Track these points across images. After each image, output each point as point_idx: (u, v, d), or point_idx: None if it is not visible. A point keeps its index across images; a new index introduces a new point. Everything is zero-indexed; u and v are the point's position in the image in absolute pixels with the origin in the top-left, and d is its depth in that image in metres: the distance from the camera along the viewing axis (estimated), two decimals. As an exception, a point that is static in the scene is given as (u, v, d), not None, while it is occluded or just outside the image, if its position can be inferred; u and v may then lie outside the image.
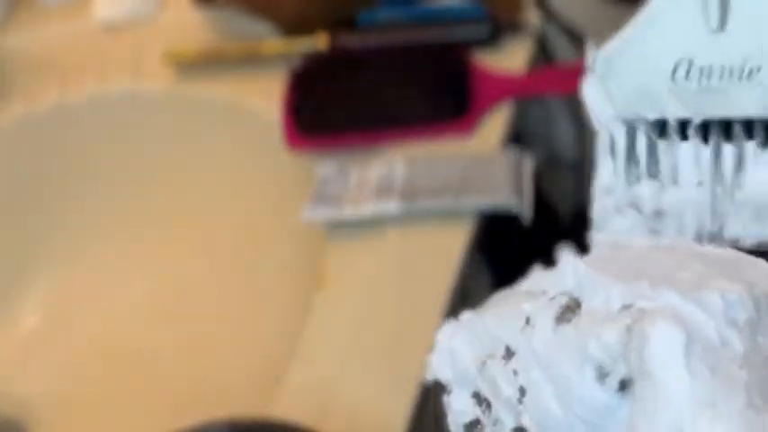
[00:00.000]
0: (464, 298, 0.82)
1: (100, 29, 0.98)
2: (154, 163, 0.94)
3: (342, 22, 0.89)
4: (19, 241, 0.94)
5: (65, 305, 0.93)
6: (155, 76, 0.93)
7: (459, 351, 0.39)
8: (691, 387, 0.32)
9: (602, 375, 0.34)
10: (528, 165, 0.80)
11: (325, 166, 0.82)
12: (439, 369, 0.38)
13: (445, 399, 0.38)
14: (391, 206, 0.78)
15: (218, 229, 0.93)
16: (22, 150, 0.95)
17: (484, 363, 0.37)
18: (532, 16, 0.89)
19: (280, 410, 0.69)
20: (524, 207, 0.77)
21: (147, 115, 0.94)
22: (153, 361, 0.89)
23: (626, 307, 0.34)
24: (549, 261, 0.45)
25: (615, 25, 0.83)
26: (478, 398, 0.38)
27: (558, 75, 0.88)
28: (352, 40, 0.89)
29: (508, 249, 0.89)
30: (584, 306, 0.36)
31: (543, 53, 0.91)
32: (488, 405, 0.37)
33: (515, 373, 0.36)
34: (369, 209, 0.78)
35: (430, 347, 0.72)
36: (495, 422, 0.37)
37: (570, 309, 0.36)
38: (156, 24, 0.97)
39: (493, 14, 0.88)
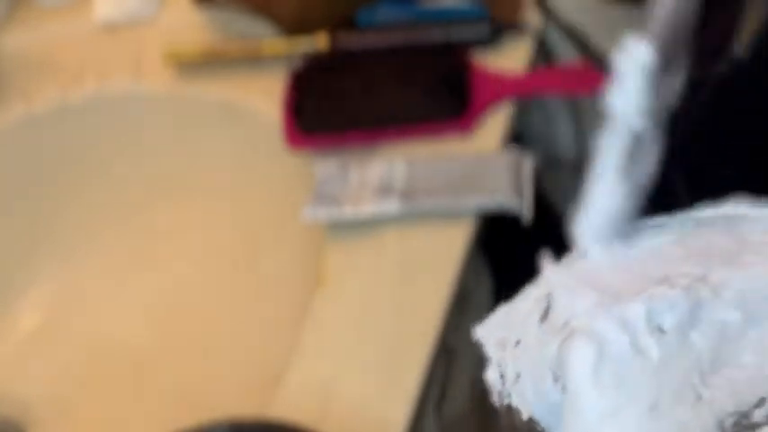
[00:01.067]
0: (464, 298, 0.82)
1: (100, 29, 0.98)
2: (154, 163, 0.94)
3: (342, 22, 0.89)
4: (19, 241, 0.94)
5: (65, 305, 0.93)
6: (155, 76, 0.93)
7: (487, 336, 0.41)
8: (596, 401, 0.34)
9: (555, 378, 0.37)
10: (528, 165, 0.79)
11: (325, 166, 0.82)
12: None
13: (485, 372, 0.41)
14: (391, 206, 0.78)
15: (218, 229, 0.93)
16: (22, 150, 0.95)
17: (501, 348, 0.40)
18: (532, 16, 0.89)
19: (280, 410, 0.69)
20: (524, 207, 0.77)
21: (147, 115, 0.94)
22: (153, 361, 0.89)
23: (566, 323, 0.37)
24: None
25: (615, 25, 0.83)
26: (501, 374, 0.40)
27: (558, 75, 0.88)
28: (352, 40, 0.89)
29: (508, 249, 0.89)
30: (550, 313, 0.39)
31: (543, 53, 0.91)
32: (504, 379, 0.40)
33: (517, 358, 0.39)
34: (369, 209, 0.78)
35: (429, 347, 0.72)
36: (509, 395, 0.40)
37: (546, 312, 0.39)
38: (156, 24, 0.97)
39: (493, 14, 0.88)
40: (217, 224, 0.93)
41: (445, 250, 0.76)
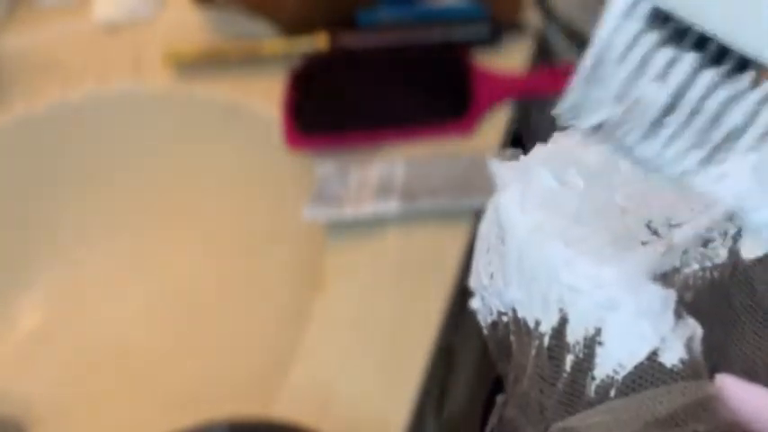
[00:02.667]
0: (464, 298, 0.82)
1: (100, 29, 0.98)
2: (154, 163, 0.94)
3: (342, 22, 0.89)
4: (19, 241, 0.94)
5: (65, 305, 0.93)
6: (155, 76, 0.93)
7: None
8: (523, 220, 0.39)
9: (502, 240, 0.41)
10: (528, 165, 0.79)
11: (325, 166, 0.82)
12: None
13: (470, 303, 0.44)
14: (391, 206, 0.78)
15: (219, 229, 0.93)
16: (22, 150, 0.95)
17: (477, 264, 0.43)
18: (532, 16, 0.89)
19: (280, 410, 0.69)
20: (524, 207, 0.77)
21: (147, 115, 0.94)
22: (153, 361, 0.89)
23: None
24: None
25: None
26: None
27: (558, 75, 0.87)
28: (352, 40, 0.89)
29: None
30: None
31: (543, 53, 0.91)
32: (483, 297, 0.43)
33: (489, 263, 0.42)
34: (369, 209, 0.78)
35: (429, 347, 0.72)
36: (490, 310, 0.42)
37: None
38: (156, 24, 0.97)
39: (493, 14, 0.88)
40: (216, 224, 0.93)
41: (445, 250, 0.76)
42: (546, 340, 0.38)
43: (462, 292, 0.78)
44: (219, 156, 0.93)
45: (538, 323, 0.38)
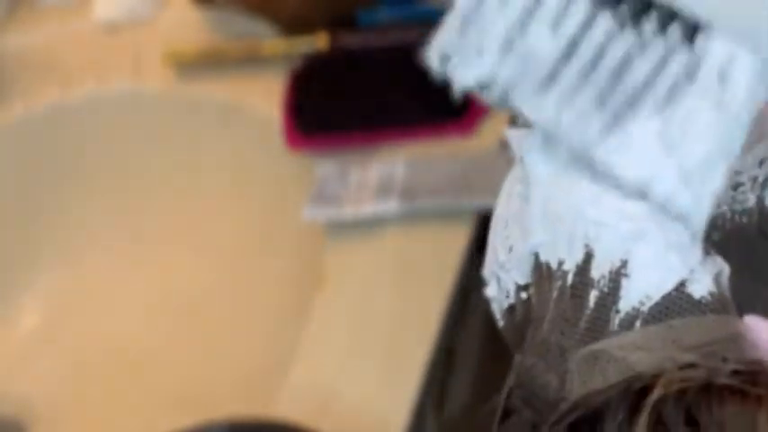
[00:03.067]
0: (464, 298, 0.82)
1: (100, 29, 0.98)
2: (153, 163, 0.94)
3: (342, 22, 0.89)
4: (19, 241, 0.94)
5: (65, 305, 0.93)
6: (155, 76, 0.93)
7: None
8: (548, 163, 0.39)
9: (525, 198, 0.41)
10: (528, 165, 0.79)
11: (325, 166, 0.82)
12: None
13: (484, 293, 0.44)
14: (391, 206, 0.78)
15: (218, 229, 0.93)
16: (22, 150, 0.95)
17: (493, 246, 0.43)
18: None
19: (280, 410, 0.69)
20: (524, 207, 0.77)
21: (147, 115, 0.94)
22: (153, 361, 0.89)
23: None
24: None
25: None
26: (498, 279, 0.43)
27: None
28: (352, 40, 0.89)
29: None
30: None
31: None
32: (499, 281, 0.43)
33: (507, 238, 0.42)
34: (369, 209, 0.78)
35: (429, 347, 0.72)
36: (507, 294, 0.42)
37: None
38: (156, 24, 0.97)
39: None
40: (217, 224, 0.93)
41: (445, 250, 0.76)
42: (569, 278, 0.38)
43: (462, 292, 0.78)
44: (219, 156, 0.93)
45: (561, 263, 0.38)
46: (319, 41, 0.88)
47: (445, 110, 0.84)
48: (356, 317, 0.74)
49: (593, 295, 0.37)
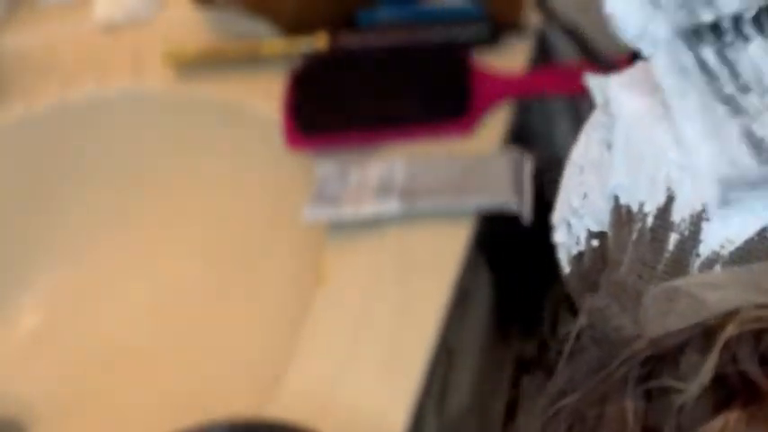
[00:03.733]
0: (464, 298, 0.82)
1: (100, 29, 0.98)
2: (154, 163, 0.94)
3: (342, 22, 0.89)
4: (19, 241, 0.94)
5: (65, 305, 0.93)
6: (155, 76, 0.93)
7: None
8: (633, 102, 0.39)
9: (608, 145, 0.40)
10: (528, 165, 0.79)
11: (325, 166, 0.82)
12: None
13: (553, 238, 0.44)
14: (391, 206, 0.78)
15: (218, 229, 0.93)
16: (22, 150, 0.95)
17: (566, 193, 0.43)
18: (532, 16, 0.89)
19: (280, 410, 0.69)
20: (524, 207, 0.77)
21: (147, 115, 0.94)
22: (152, 361, 0.89)
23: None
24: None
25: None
26: (568, 225, 0.43)
27: (558, 75, 0.88)
28: (352, 40, 0.89)
29: (508, 249, 0.89)
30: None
31: (543, 53, 0.91)
32: (570, 227, 0.43)
33: (581, 184, 0.42)
34: (369, 209, 0.78)
35: (429, 347, 0.72)
36: (577, 240, 0.42)
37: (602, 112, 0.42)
38: (156, 24, 0.97)
39: (493, 14, 0.88)
40: (216, 224, 0.93)
41: (445, 250, 0.76)
42: (649, 221, 0.38)
43: (462, 292, 0.78)
44: (219, 156, 0.93)
45: (642, 205, 0.38)
46: (319, 41, 0.88)
47: (445, 110, 0.84)
48: (356, 317, 0.74)
49: (672, 238, 0.37)
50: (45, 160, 0.95)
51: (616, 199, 0.40)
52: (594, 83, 0.41)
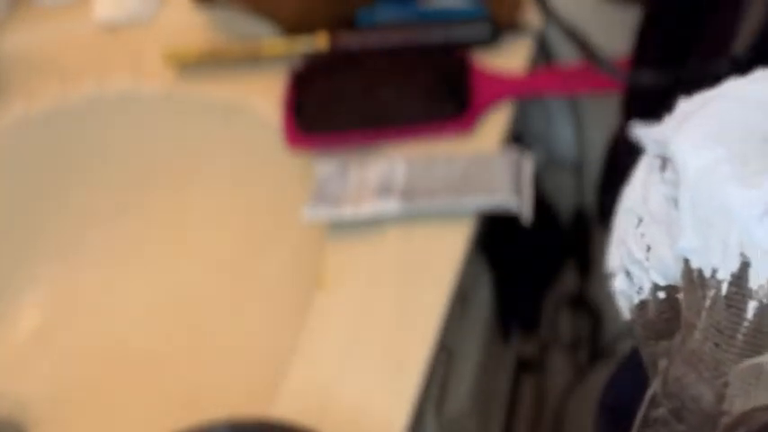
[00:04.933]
0: (464, 298, 0.82)
1: (100, 29, 0.98)
2: (154, 163, 0.94)
3: (342, 22, 0.89)
4: (19, 240, 0.94)
5: (65, 305, 0.93)
6: (155, 76, 0.93)
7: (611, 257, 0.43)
8: (697, 160, 0.37)
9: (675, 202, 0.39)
10: (528, 165, 0.80)
11: (324, 166, 0.82)
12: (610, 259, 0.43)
13: (611, 285, 0.43)
14: (391, 206, 0.78)
15: (218, 229, 0.93)
16: (22, 150, 0.95)
17: (623, 242, 0.42)
18: (532, 16, 0.89)
19: (280, 410, 0.69)
20: (524, 207, 0.77)
21: (147, 115, 0.94)
22: (153, 361, 0.89)
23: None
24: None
25: (615, 25, 0.83)
26: (627, 273, 0.42)
27: (558, 75, 0.88)
28: (352, 40, 0.89)
29: (508, 249, 0.89)
30: (668, 167, 0.40)
31: (543, 53, 0.91)
32: (630, 276, 0.41)
33: (642, 236, 0.40)
34: (369, 209, 0.78)
35: (429, 347, 0.72)
36: (639, 290, 0.41)
37: (662, 166, 0.40)
38: (156, 24, 0.97)
39: (493, 15, 0.88)
40: (216, 224, 0.93)
41: (445, 250, 0.76)
42: (724, 288, 0.36)
43: (462, 292, 0.78)
44: (219, 156, 0.93)
45: (715, 271, 0.36)
46: (319, 41, 0.88)
47: (445, 110, 0.84)
48: (356, 317, 0.74)
49: (751, 306, 0.35)
50: (45, 160, 0.95)
51: (686, 261, 0.38)
52: (648, 136, 0.40)
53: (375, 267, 0.76)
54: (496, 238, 0.86)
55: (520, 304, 0.96)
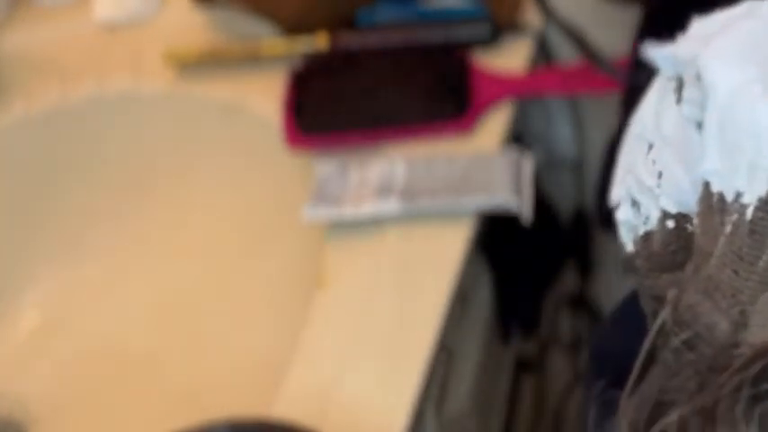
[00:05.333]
0: (464, 298, 0.82)
1: (100, 29, 0.98)
2: (154, 163, 0.94)
3: (342, 22, 0.89)
4: (19, 240, 0.94)
5: (65, 305, 0.93)
6: (155, 76, 0.93)
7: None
8: (728, 78, 0.35)
9: (698, 126, 0.37)
10: (528, 165, 0.80)
11: (325, 166, 0.82)
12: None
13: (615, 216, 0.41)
14: (391, 206, 0.78)
15: (218, 229, 0.93)
16: (22, 150, 0.95)
17: (631, 170, 0.40)
18: (532, 16, 0.89)
19: (280, 410, 0.69)
20: (524, 207, 0.77)
21: (147, 115, 0.94)
22: (153, 361, 0.89)
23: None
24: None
25: (614, 25, 0.83)
26: (633, 203, 0.40)
27: (558, 75, 0.88)
28: (352, 40, 0.89)
29: (508, 249, 0.89)
30: (684, 90, 0.38)
31: (543, 53, 0.91)
32: (637, 205, 0.40)
33: (654, 162, 0.39)
34: (369, 209, 0.78)
35: (429, 347, 0.72)
36: (646, 220, 0.39)
37: (678, 88, 0.39)
38: (156, 24, 0.97)
39: (493, 15, 0.88)
40: (216, 224, 0.93)
41: (445, 250, 0.76)
42: (749, 212, 0.35)
43: (462, 293, 0.78)
44: (219, 156, 0.93)
45: (739, 195, 0.35)
46: (319, 41, 0.88)
47: (445, 110, 0.84)
48: (356, 317, 0.74)
49: None
50: (45, 160, 0.95)
51: (706, 185, 0.36)
52: (665, 55, 0.38)
53: (375, 267, 0.76)
54: (496, 238, 0.86)
55: (520, 304, 0.96)
